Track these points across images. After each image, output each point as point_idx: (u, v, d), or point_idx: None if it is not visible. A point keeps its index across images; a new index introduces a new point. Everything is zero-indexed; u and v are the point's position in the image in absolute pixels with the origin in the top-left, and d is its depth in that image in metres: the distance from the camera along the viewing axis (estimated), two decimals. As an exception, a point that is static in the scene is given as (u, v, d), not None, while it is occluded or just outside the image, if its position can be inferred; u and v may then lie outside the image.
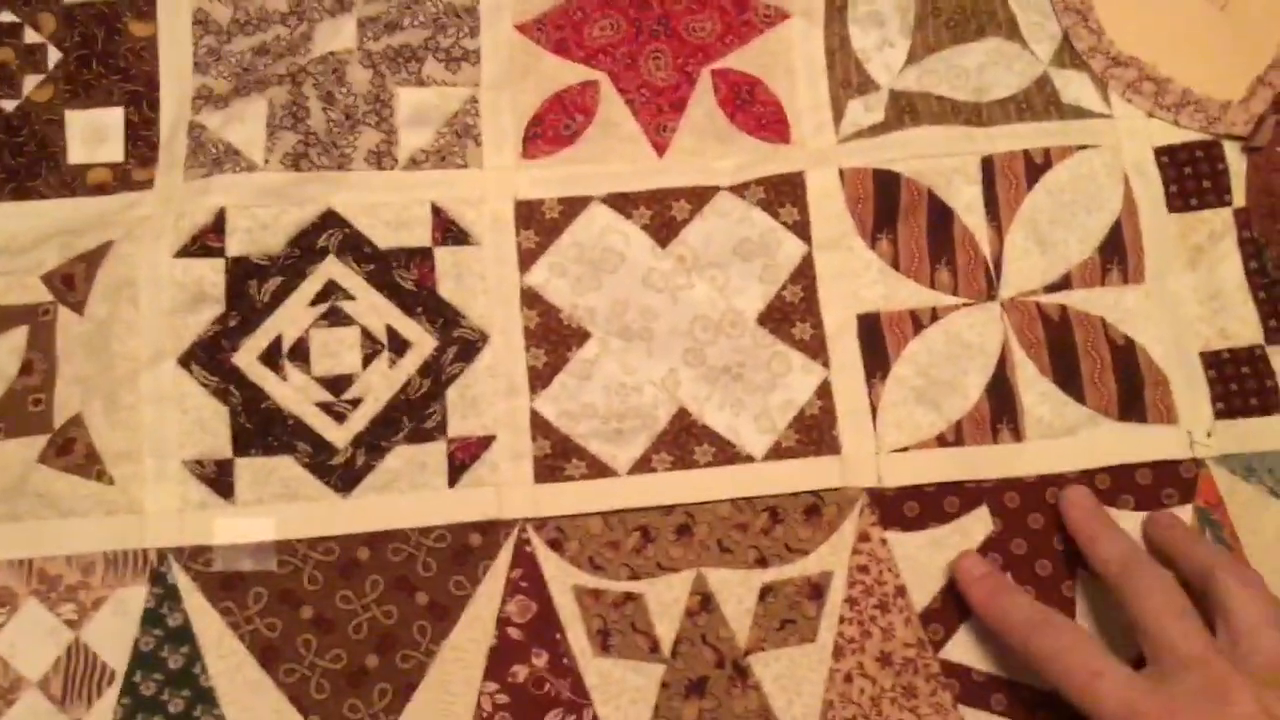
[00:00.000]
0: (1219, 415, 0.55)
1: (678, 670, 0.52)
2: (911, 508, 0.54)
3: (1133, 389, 0.55)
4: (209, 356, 0.53)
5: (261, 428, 0.53)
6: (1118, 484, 0.54)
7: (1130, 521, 0.53)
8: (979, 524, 0.54)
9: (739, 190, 0.57)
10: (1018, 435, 0.55)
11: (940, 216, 0.57)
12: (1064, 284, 0.57)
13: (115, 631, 0.51)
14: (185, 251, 0.54)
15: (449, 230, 0.56)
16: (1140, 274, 0.57)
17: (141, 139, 0.56)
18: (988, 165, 0.58)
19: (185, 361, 0.53)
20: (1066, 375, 0.55)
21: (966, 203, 0.57)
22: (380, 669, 0.51)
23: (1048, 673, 0.46)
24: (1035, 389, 0.55)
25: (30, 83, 0.56)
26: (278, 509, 0.52)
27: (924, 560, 0.54)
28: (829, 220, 0.57)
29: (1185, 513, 0.54)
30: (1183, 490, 0.54)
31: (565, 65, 0.58)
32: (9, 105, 0.56)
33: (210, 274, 0.54)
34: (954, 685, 0.52)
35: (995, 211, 0.57)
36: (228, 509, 0.52)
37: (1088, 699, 0.44)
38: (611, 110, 0.58)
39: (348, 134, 0.56)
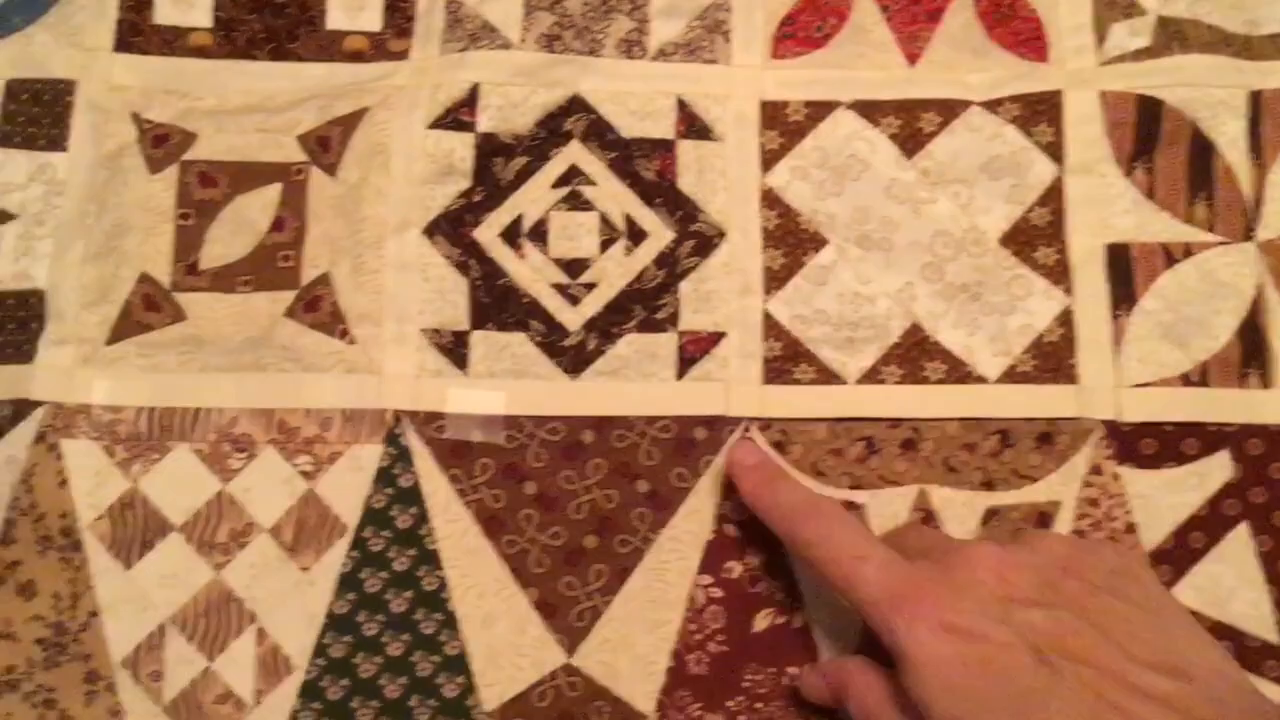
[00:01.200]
0: None
1: (893, 583, 0.51)
2: (1149, 445, 0.52)
3: (1395, 343, 0.53)
4: (452, 229, 0.54)
5: (498, 303, 0.53)
6: (1368, 441, 0.52)
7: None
8: (1218, 468, 0.52)
9: (992, 106, 0.55)
10: (1266, 381, 0.53)
11: (1201, 149, 0.55)
12: (1328, 229, 0.54)
13: (349, 486, 0.52)
14: (438, 123, 0.55)
15: (692, 124, 0.55)
16: None
17: (399, 10, 0.57)
18: (1255, 100, 0.55)
19: (430, 232, 0.54)
20: (1324, 323, 0.53)
21: (1230, 137, 0.55)
22: (598, 550, 0.52)
23: (812, 560, 0.44)
24: (1289, 335, 0.53)
25: (295, -53, 0.57)
26: (508, 384, 0.53)
27: (1157, 500, 0.52)
28: (1084, 144, 0.55)
29: None
30: None
31: (823, -35, 0.57)
32: (273, -32, 0.57)
33: (460, 148, 0.55)
34: (1177, 628, 0.51)
35: (1259, 149, 0.55)
36: (461, 379, 0.53)
37: (849, 584, 0.42)
38: (865, 15, 0.57)
39: (601, 19, 0.56)
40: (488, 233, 0.54)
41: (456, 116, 0.55)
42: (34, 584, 0.51)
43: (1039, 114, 0.55)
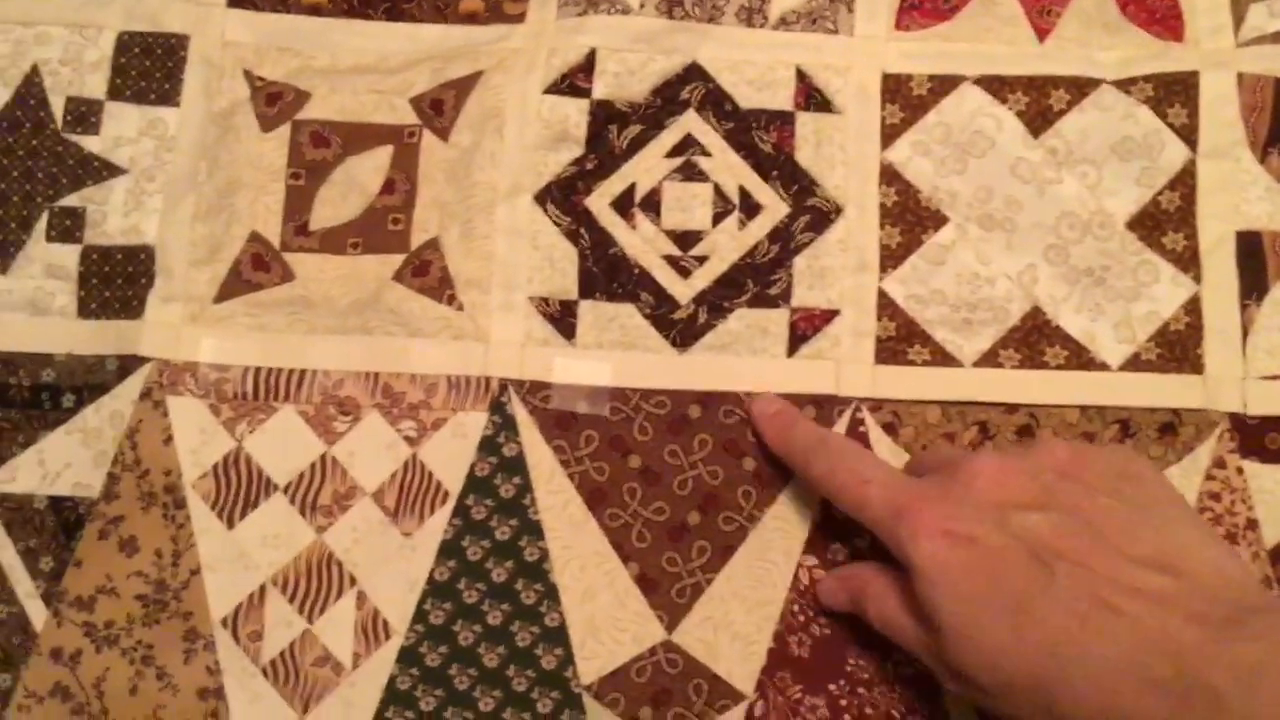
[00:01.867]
0: None
1: (1004, 573, 0.50)
2: (1275, 440, 0.51)
3: None
4: (564, 196, 0.53)
5: (608, 273, 0.53)
6: None
7: None
8: (1348, 467, 0.50)
9: (1124, 85, 0.53)
10: (1403, 379, 0.51)
11: (1342, 136, 0.53)
12: None
13: (453, 453, 0.51)
14: (554, 88, 0.54)
15: (812, 96, 0.54)
16: None
17: (515, -28, 0.56)
18: (1402, 87, 0.53)
19: (541, 199, 0.53)
20: None
21: (1373, 125, 0.53)
22: (701, 526, 0.51)
23: (826, 491, 0.46)
24: None
25: (411, -95, 0.56)
26: (615, 355, 0.52)
27: (1283, 497, 0.50)
28: (1219, 127, 0.53)
29: None
30: None
31: (951, -65, 0.55)
32: (389, -73, 0.56)
33: (575, 114, 0.54)
34: (1301, 631, 0.49)
35: (1404, 138, 0.52)
36: (568, 349, 0.52)
37: (859, 507, 0.44)
38: (994, -12, 0.55)
39: (722, -14, 0.55)
40: (599, 201, 0.53)
41: (572, 82, 0.54)
42: (136, 540, 0.51)
43: (1173, 95, 0.54)
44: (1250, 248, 0.52)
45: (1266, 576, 0.50)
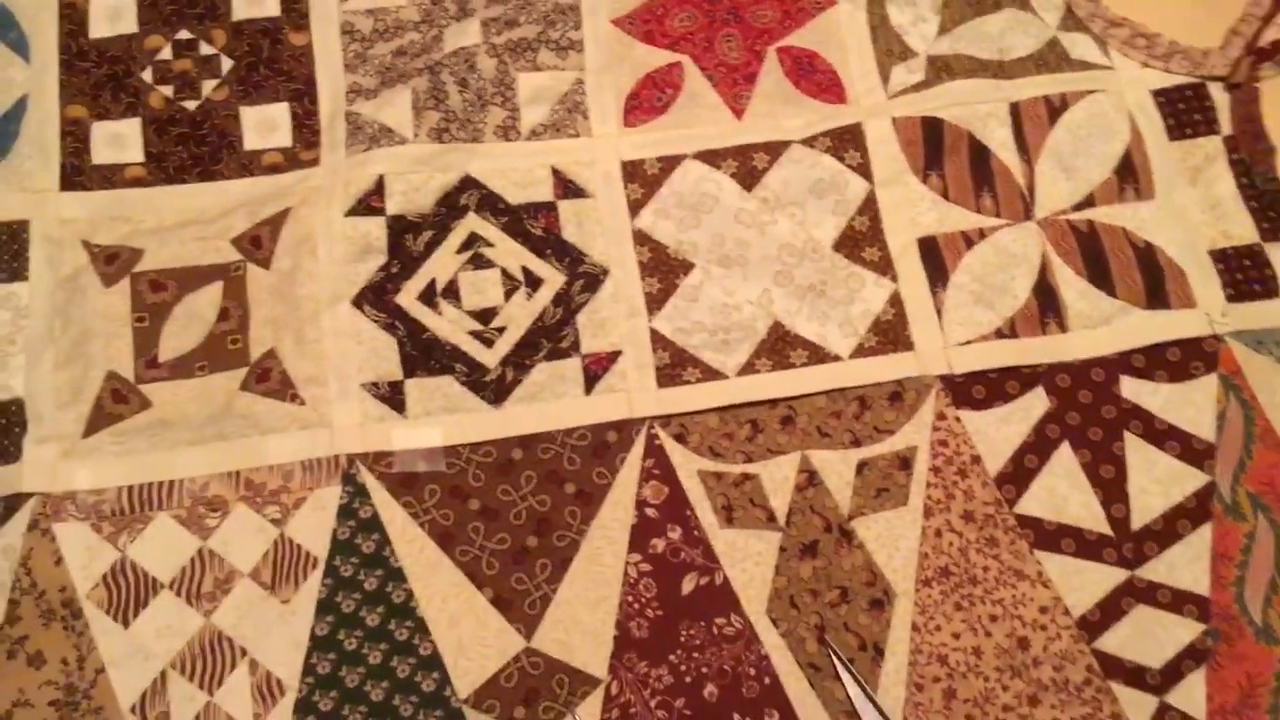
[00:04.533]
0: (1229, 300, 0.66)
1: (792, 536, 0.61)
2: (979, 390, 0.64)
3: (1156, 282, 0.66)
4: (377, 297, 0.63)
5: (425, 354, 0.63)
6: (1151, 362, 0.64)
7: (1161, 396, 0.63)
8: (1037, 402, 0.64)
9: (809, 142, 0.68)
10: (1063, 327, 0.65)
11: (979, 154, 0.68)
12: (1088, 203, 0.67)
13: (316, 525, 0.59)
14: (354, 211, 0.64)
15: (568, 186, 0.66)
16: (1151, 191, 0.68)
17: (305, 127, 0.67)
18: (1015, 110, 0.69)
19: (358, 302, 0.63)
20: (1099, 275, 0.66)
21: (1000, 141, 0.68)
22: (540, 548, 0.60)
23: None
24: (1074, 288, 0.65)
25: (208, 86, 0.67)
26: (443, 419, 0.62)
27: (993, 434, 0.63)
28: (886, 161, 0.67)
29: (1210, 382, 0.64)
30: (1207, 362, 0.64)
31: (653, 51, 0.69)
32: (191, 105, 0.67)
33: (374, 230, 0.64)
34: (1029, 535, 0.61)
35: (1025, 147, 0.68)
36: (402, 421, 0.61)
37: None
38: (695, 85, 0.69)
39: (479, 112, 0.67)
40: (407, 297, 0.64)
41: (368, 204, 0.65)
42: (42, 654, 0.57)
43: (846, 143, 0.68)
44: (929, 249, 0.66)
45: (996, 499, 0.62)
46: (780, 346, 0.64)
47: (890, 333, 0.64)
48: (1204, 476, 0.62)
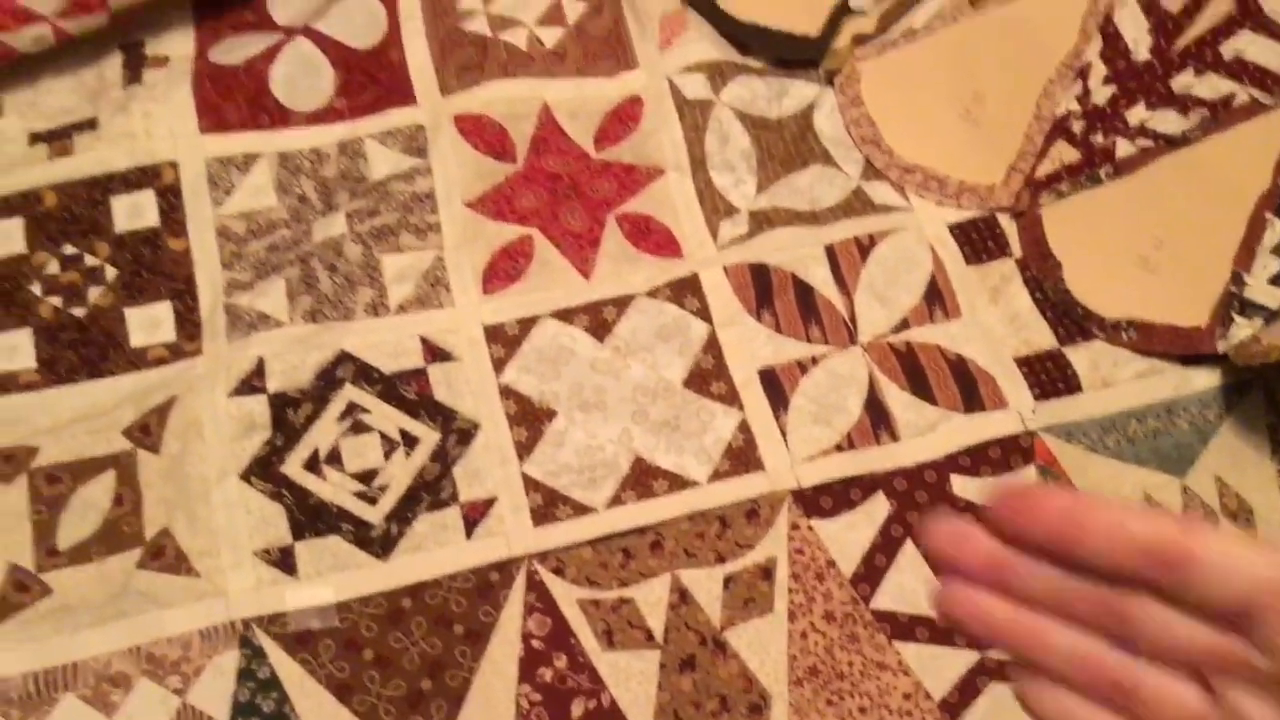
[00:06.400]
0: (1037, 399, 0.74)
1: (670, 652, 0.66)
2: (826, 500, 0.70)
3: (970, 389, 0.74)
4: (264, 469, 0.68)
5: (312, 518, 0.67)
6: (976, 460, 0.72)
7: (988, 489, 0.70)
8: (879, 505, 0.70)
9: (652, 293, 0.75)
10: (894, 436, 0.72)
11: (804, 292, 0.76)
12: (904, 325, 0.76)
13: (216, 690, 0.62)
14: (237, 392, 0.70)
15: (436, 352, 0.72)
16: (957, 310, 0.76)
17: (187, 321, 0.72)
18: (830, 251, 0.77)
19: (246, 476, 0.68)
20: (920, 387, 0.73)
21: (821, 279, 0.77)
22: (434, 689, 0.64)
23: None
24: (900, 401, 0.73)
25: (94, 293, 0.72)
26: (333, 577, 0.66)
27: (843, 538, 0.69)
28: (723, 305, 0.75)
29: (1029, 473, 0.71)
30: (1024, 455, 0.72)
31: (505, 227, 0.77)
32: (80, 312, 0.72)
33: (257, 407, 0.69)
34: (885, 627, 0.67)
35: (843, 282, 0.76)
36: (293, 583, 0.65)
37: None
38: (545, 252, 0.77)
39: (350, 293, 0.73)
40: (293, 466, 0.69)
41: (250, 384, 0.70)
42: (-51, 847, 0.58)
43: (685, 291, 0.76)
44: (769, 378, 0.73)
45: (853, 597, 0.68)
46: (643, 479, 0.70)
47: (742, 456, 0.71)
48: (1032, 555, 0.68)
